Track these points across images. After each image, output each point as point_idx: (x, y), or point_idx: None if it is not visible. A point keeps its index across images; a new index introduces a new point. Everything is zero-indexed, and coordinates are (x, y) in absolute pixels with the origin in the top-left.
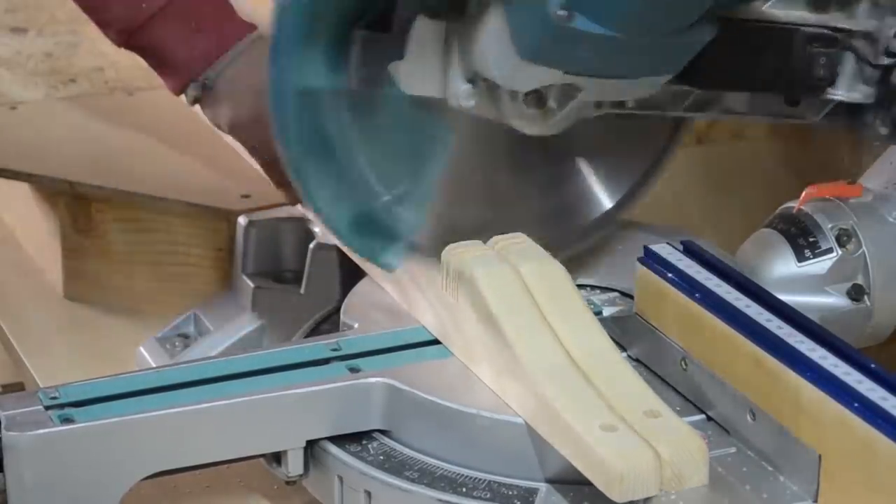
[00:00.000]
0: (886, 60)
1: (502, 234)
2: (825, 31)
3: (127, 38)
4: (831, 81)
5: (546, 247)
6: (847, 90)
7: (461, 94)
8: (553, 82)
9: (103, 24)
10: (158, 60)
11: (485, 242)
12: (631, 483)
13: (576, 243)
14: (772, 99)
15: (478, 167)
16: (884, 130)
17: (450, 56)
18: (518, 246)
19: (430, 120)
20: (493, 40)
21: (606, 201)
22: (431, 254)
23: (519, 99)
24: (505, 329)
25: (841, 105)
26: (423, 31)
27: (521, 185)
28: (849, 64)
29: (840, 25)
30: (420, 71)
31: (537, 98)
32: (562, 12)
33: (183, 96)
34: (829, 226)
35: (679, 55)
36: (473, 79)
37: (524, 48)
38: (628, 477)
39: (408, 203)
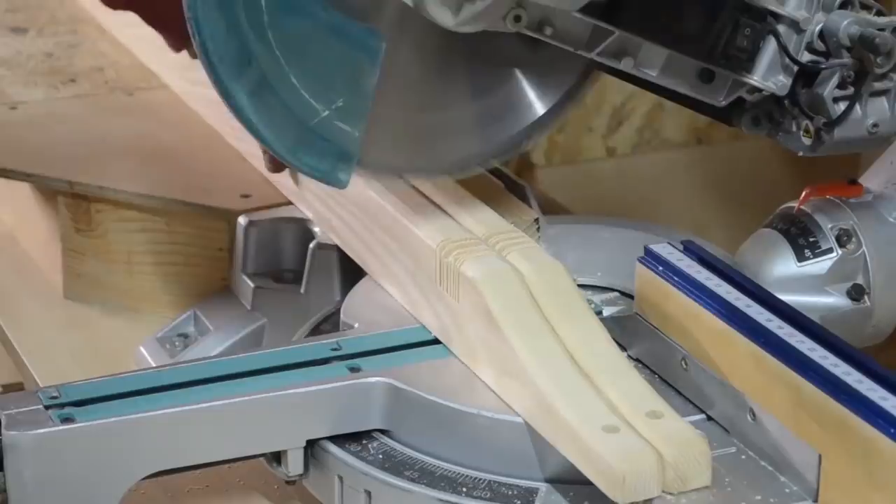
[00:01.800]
0: (807, 57)
1: (442, 140)
2: (757, 5)
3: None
4: (750, 57)
5: (479, 155)
6: (763, 77)
7: None
8: None
9: None
10: (156, 18)
11: (420, 149)
12: (633, 484)
13: (510, 151)
14: (686, 67)
15: (407, 72)
16: (806, 141)
17: None
18: (519, 246)
19: (357, 28)
20: None
21: (538, 108)
22: (378, 165)
23: None
24: (506, 330)
25: (764, 111)
26: None
27: (452, 90)
28: (770, 49)
29: (770, 7)
30: None
31: None
32: None
33: (191, 86)
34: (829, 226)
35: None
36: None
37: None
38: (631, 478)
39: (347, 115)
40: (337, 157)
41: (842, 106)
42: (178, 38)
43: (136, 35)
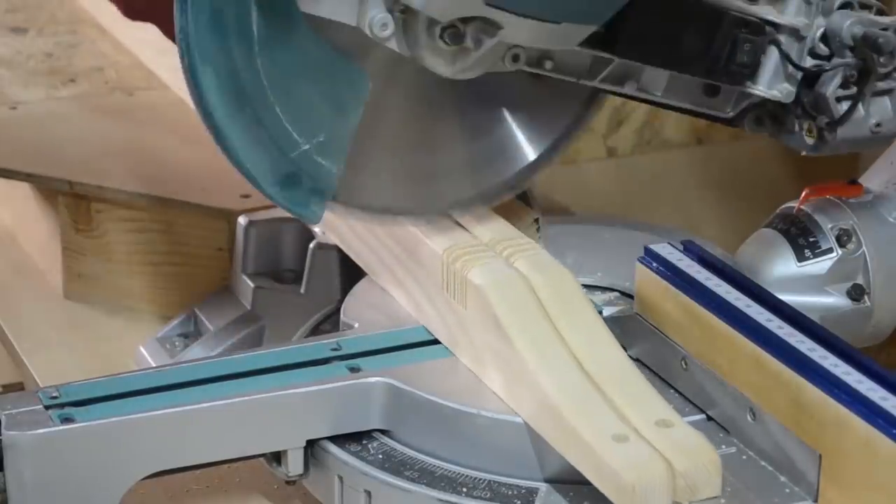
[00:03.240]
0: (810, 62)
1: (428, 184)
2: (754, 18)
3: (139, 11)
4: (753, 71)
5: (472, 199)
6: (767, 86)
7: (376, 23)
8: (473, 13)
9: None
10: (171, 28)
11: (411, 192)
12: (643, 494)
13: (502, 193)
14: (690, 84)
15: (398, 114)
16: (809, 140)
17: None
18: (526, 252)
19: (345, 66)
20: None
21: (530, 152)
22: (358, 204)
23: (436, 33)
24: (515, 338)
25: (767, 112)
26: None
27: (444, 133)
28: (772, 58)
29: (769, 17)
30: None
31: (454, 34)
32: None
33: None
34: (829, 226)
35: (605, 4)
36: (391, 7)
37: None
38: (640, 488)
39: (327, 152)
40: (312, 191)
41: (845, 105)
42: None
43: (136, 35)
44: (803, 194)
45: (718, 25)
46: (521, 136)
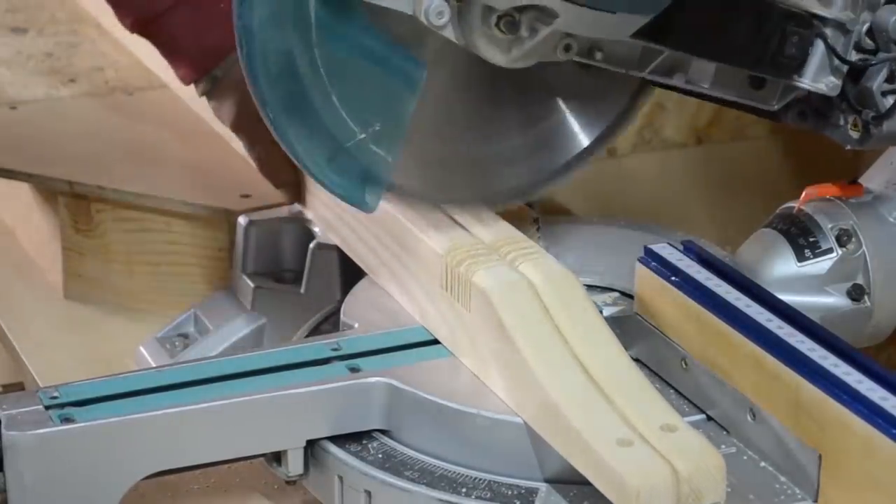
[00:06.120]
0: (856, 56)
1: (482, 171)
2: (802, 12)
3: (143, 26)
4: (800, 63)
5: (526, 185)
6: (813, 80)
7: (432, 11)
8: (530, 0)
9: (121, 10)
10: (171, 50)
11: (466, 180)
12: (647, 499)
13: (554, 180)
14: (737, 76)
15: (453, 103)
16: (854, 135)
17: None
18: (531, 256)
19: (401, 55)
20: None
21: (584, 139)
22: (413, 192)
23: (491, 22)
24: (519, 341)
25: (811, 105)
26: None
27: (498, 121)
28: (818, 52)
29: (815, 11)
30: None
31: (510, 23)
32: None
33: (192, 86)
34: (829, 226)
35: None
36: None
37: None
38: (645, 493)
39: (382, 141)
40: (367, 180)
41: (890, 100)
42: (190, 70)
43: (136, 36)
44: (803, 194)
45: (768, 18)
46: (574, 124)
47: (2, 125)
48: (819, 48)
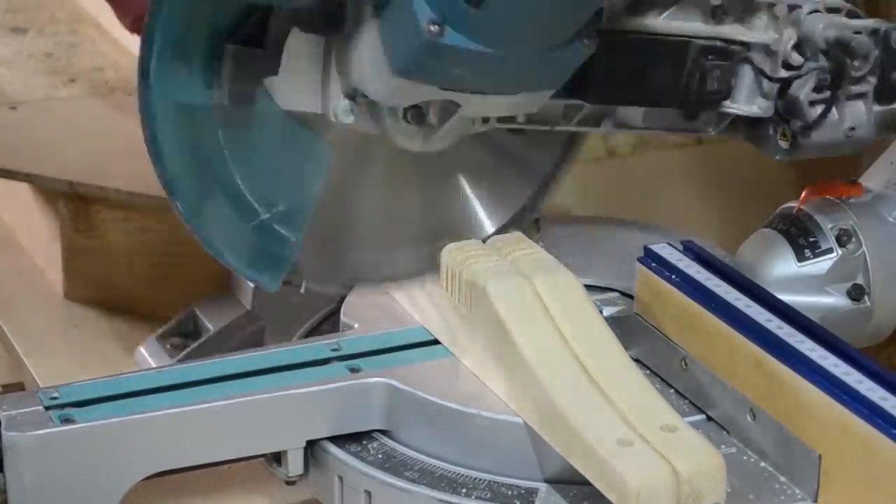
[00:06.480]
0: (785, 73)
1: (381, 254)
2: (719, 43)
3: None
4: (725, 95)
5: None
6: (745, 104)
7: (340, 110)
8: (430, 98)
9: (120, 10)
10: None
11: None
12: (647, 499)
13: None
14: (668, 112)
15: (358, 184)
16: (784, 144)
17: (328, 71)
18: (531, 257)
19: (307, 136)
20: (368, 56)
21: (488, 225)
22: (314, 276)
23: (399, 115)
24: (519, 342)
25: (741, 118)
26: (298, 45)
27: (402, 202)
28: (747, 77)
29: (738, 38)
30: (296, 86)
31: (417, 114)
32: (433, 27)
33: None
34: (829, 226)
35: (558, 71)
36: (353, 94)
37: (397, 64)
38: (645, 494)
39: (287, 221)
40: (270, 260)
41: (818, 109)
42: None
43: (136, 36)
44: (803, 194)
45: (684, 58)
46: (478, 208)
47: (2, 125)
48: (747, 72)
